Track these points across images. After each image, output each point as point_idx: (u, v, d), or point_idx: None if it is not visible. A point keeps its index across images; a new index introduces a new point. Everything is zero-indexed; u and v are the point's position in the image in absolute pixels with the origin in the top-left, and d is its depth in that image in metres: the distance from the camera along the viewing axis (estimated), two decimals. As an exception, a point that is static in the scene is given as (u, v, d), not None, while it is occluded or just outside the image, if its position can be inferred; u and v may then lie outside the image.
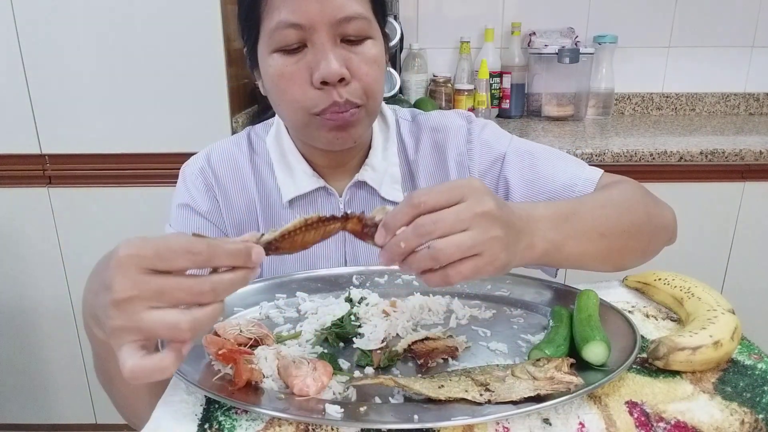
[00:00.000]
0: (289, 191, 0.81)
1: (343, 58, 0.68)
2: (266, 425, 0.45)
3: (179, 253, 0.41)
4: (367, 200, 0.83)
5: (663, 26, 2.09)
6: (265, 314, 0.65)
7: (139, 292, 0.40)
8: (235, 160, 0.84)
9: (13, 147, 1.58)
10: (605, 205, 0.68)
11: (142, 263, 0.41)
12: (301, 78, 0.69)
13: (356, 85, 0.70)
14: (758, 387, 0.49)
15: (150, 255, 0.41)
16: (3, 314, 1.73)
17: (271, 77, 0.71)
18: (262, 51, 0.71)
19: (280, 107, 0.74)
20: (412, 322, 0.62)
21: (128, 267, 0.41)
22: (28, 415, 1.83)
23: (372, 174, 0.81)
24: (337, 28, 0.67)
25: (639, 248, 0.70)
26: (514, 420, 0.45)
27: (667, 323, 0.62)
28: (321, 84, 0.68)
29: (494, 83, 2.05)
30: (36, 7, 1.47)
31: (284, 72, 0.69)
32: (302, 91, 0.69)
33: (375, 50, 0.71)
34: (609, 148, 1.56)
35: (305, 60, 0.68)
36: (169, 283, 0.41)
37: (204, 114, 1.56)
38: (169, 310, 0.41)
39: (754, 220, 1.65)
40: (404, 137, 0.87)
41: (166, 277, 0.41)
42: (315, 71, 0.67)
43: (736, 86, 2.15)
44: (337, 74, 0.67)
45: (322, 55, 0.67)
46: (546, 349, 0.53)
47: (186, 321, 0.41)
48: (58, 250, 1.66)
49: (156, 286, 0.41)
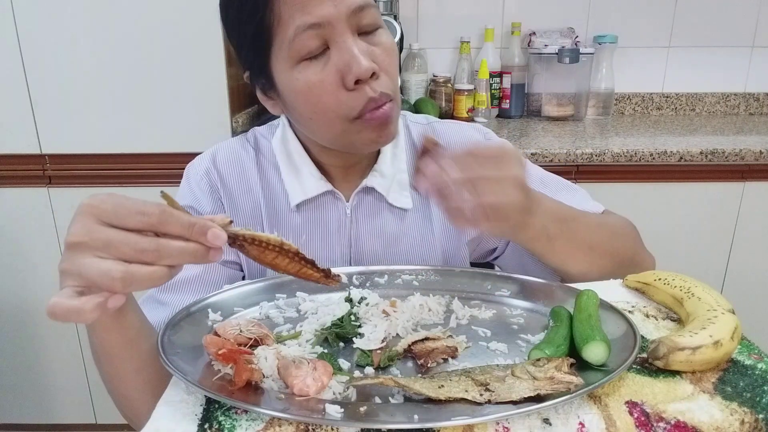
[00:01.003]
0: (296, 195, 0.80)
1: (367, 51, 0.66)
2: (266, 425, 0.45)
3: (133, 212, 0.44)
4: (374, 206, 0.82)
5: (663, 26, 2.09)
6: (265, 314, 0.65)
7: (89, 240, 0.43)
8: (241, 161, 0.83)
9: (13, 147, 1.58)
10: (601, 225, 0.77)
11: (100, 215, 0.44)
12: (331, 83, 0.66)
13: (384, 77, 0.68)
14: (758, 387, 0.49)
15: (107, 209, 0.44)
16: (3, 314, 1.73)
17: (298, 92, 0.68)
18: (281, 67, 0.68)
19: (312, 121, 0.70)
20: (412, 322, 0.62)
21: (86, 216, 0.44)
22: (28, 415, 1.83)
23: (380, 180, 0.81)
24: (353, 19, 0.66)
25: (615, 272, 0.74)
26: (514, 420, 0.45)
27: (667, 323, 0.62)
28: (354, 84, 0.65)
29: (494, 83, 2.05)
30: (36, 7, 1.48)
31: (313, 81, 0.66)
32: (335, 97, 0.66)
33: (389, 39, 0.70)
34: (609, 148, 1.56)
35: (331, 63, 0.66)
36: (117, 235, 0.43)
37: (204, 114, 1.56)
38: (110, 260, 0.43)
39: (754, 220, 1.65)
40: (416, 142, 0.86)
41: (116, 231, 0.44)
42: (346, 72, 0.65)
43: (736, 86, 2.15)
44: (370, 69, 0.65)
45: (349, 53, 0.65)
46: (546, 349, 0.53)
47: (119, 270, 0.43)
48: (58, 250, 1.66)
49: (105, 237, 0.43)
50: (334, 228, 0.82)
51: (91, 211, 0.44)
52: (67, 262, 0.45)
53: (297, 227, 0.81)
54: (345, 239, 0.82)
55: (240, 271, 0.83)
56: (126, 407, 0.62)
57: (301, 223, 0.81)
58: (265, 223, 0.81)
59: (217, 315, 0.62)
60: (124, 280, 0.43)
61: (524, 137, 1.75)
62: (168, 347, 0.53)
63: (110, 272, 0.43)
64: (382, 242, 0.83)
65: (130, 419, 0.64)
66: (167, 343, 0.54)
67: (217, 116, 1.56)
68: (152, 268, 0.44)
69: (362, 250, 0.82)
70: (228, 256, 0.81)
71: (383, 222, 0.82)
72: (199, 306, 0.63)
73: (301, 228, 0.81)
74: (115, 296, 0.44)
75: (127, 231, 0.44)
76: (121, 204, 0.44)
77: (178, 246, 0.44)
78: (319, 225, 0.81)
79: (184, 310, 0.62)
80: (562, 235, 0.70)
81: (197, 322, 0.61)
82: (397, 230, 0.83)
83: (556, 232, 0.69)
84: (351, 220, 0.81)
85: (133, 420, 0.62)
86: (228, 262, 0.81)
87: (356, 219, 0.82)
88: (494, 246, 0.87)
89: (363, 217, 0.82)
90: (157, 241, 0.44)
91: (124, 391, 0.60)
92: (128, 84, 1.54)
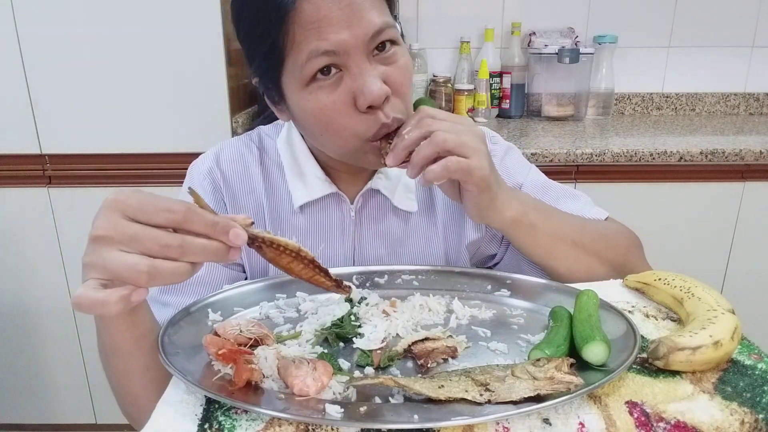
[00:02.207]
0: (300, 196, 0.79)
1: (381, 74, 0.65)
2: (266, 425, 0.45)
3: (159, 208, 0.44)
4: (379, 208, 0.82)
5: (663, 26, 2.09)
6: (265, 314, 0.65)
7: (114, 233, 0.44)
8: (245, 161, 0.82)
9: (13, 147, 1.58)
10: (586, 225, 0.79)
11: (125, 210, 0.45)
12: (343, 105, 0.65)
13: (397, 101, 0.67)
14: (758, 387, 0.49)
15: (133, 204, 0.45)
16: (3, 314, 1.73)
17: (310, 113, 0.67)
18: (292, 86, 0.67)
19: (324, 138, 0.69)
20: (412, 322, 0.62)
21: (112, 210, 0.45)
22: (28, 415, 1.83)
23: (385, 182, 0.80)
24: (370, 43, 0.64)
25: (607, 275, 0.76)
26: (514, 420, 0.45)
27: (667, 323, 0.62)
28: (367, 109, 0.64)
29: (494, 83, 2.05)
30: (36, 7, 1.48)
31: (325, 104, 0.65)
32: (348, 119, 0.65)
33: (404, 58, 0.68)
34: (609, 148, 1.56)
35: (344, 85, 0.64)
36: (142, 231, 0.44)
37: (204, 114, 1.56)
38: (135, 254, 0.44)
39: (754, 220, 1.65)
40: None
41: (141, 226, 0.44)
42: (359, 96, 0.64)
43: (736, 86, 2.15)
44: (382, 96, 0.64)
45: (362, 79, 0.63)
46: (546, 349, 0.53)
47: (145, 264, 0.44)
48: (58, 250, 1.66)
49: (130, 231, 0.44)
50: (338, 230, 0.81)
51: (117, 206, 0.45)
52: (91, 255, 0.45)
53: (300, 229, 0.81)
54: (349, 241, 0.82)
55: (242, 273, 0.82)
56: (130, 405, 0.62)
57: (305, 224, 0.81)
58: (268, 224, 0.81)
59: (217, 315, 0.62)
60: (149, 273, 0.44)
61: (524, 137, 1.75)
62: (168, 347, 0.53)
63: (136, 266, 0.43)
64: (386, 245, 0.83)
65: (132, 418, 0.64)
66: (167, 343, 0.54)
67: (217, 116, 1.56)
68: (176, 264, 0.45)
69: (366, 252, 0.82)
70: None
71: (387, 224, 0.82)
72: (199, 306, 0.63)
73: (305, 230, 0.81)
74: (139, 290, 0.45)
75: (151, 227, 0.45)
76: (147, 200, 0.45)
77: (201, 243, 0.45)
78: (323, 227, 0.81)
79: (184, 310, 0.62)
80: (544, 226, 0.72)
81: (197, 322, 0.61)
82: (401, 233, 0.83)
83: (537, 221, 0.72)
84: (355, 223, 0.81)
85: (136, 418, 0.62)
86: (230, 264, 0.81)
87: (360, 221, 0.81)
88: (493, 252, 0.87)
89: (367, 219, 0.82)
90: (181, 238, 0.45)
91: (129, 389, 0.60)
92: (128, 84, 1.53)
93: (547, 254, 0.74)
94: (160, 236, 0.44)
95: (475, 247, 0.86)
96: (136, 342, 0.55)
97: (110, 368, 0.60)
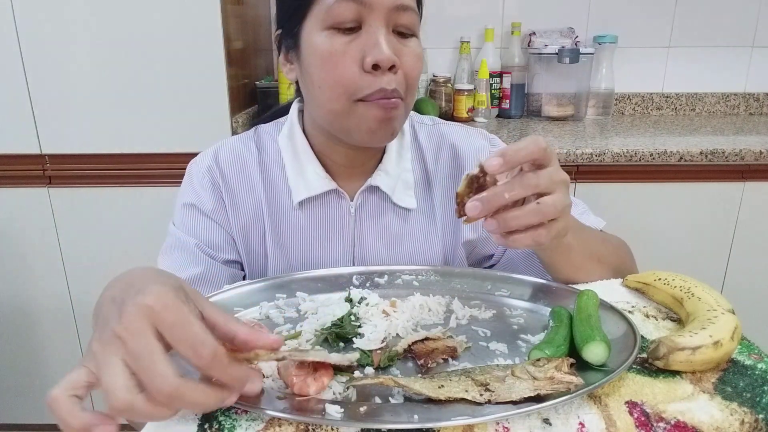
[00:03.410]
0: (300, 192, 0.79)
1: (394, 47, 0.68)
2: (266, 425, 0.45)
3: (188, 342, 0.40)
4: (378, 205, 0.82)
5: (663, 26, 2.09)
6: (265, 314, 0.65)
7: (131, 344, 0.40)
8: (244, 159, 0.82)
9: (13, 147, 1.58)
10: (605, 239, 0.80)
11: (156, 323, 0.40)
12: (351, 59, 0.67)
13: (402, 77, 0.69)
14: (758, 387, 0.49)
15: (167, 321, 0.40)
16: (3, 314, 1.73)
17: (318, 54, 0.69)
18: (310, 29, 0.69)
19: (321, 90, 0.70)
20: (412, 322, 0.62)
21: (143, 317, 0.40)
22: (28, 415, 1.83)
23: (385, 179, 0.81)
24: (392, 14, 0.68)
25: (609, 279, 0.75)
26: (514, 420, 0.45)
27: (667, 323, 0.62)
28: (372, 68, 0.66)
29: (494, 83, 2.05)
30: (36, 7, 1.48)
31: (335, 50, 0.67)
32: (349, 72, 0.67)
33: (418, 49, 0.72)
34: (609, 148, 1.56)
35: (358, 42, 0.67)
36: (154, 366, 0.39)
37: (204, 114, 1.56)
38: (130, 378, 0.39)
39: (754, 220, 1.65)
40: (422, 142, 0.87)
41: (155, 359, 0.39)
42: (368, 53, 0.66)
43: (736, 86, 2.15)
44: (390, 60, 0.66)
45: (375, 38, 0.66)
46: (546, 349, 0.53)
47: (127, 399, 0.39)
48: (58, 250, 1.66)
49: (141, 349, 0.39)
50: (338, 227, 0.82)
51: (151, 316, 0.40)
52: (99, 347, 0.41)
53: (300, 226, 0.81)
54: (348, 238, 0.82)
55: (241, 270, 0.83)
56: None
57: (304, 221, 0.81)
58: (267, 222, 0.81)
59: (217, 315, 0.62)
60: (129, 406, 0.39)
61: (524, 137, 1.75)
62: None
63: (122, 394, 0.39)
64: (386, 241, 0.83)
65: None
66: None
67: (217, 116, 1.56)
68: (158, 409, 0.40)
69: (365, 249, 0.82)
70: (230, 255, 0.81)
71: (387, 221, 0.82)
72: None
73: (304, 226, 0.81)
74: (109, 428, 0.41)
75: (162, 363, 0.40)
76: (181, 324, 0.40)
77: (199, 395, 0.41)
78: (323, 223, 0.81)
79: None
80: (578, 246, 0.69)
81: (197, 322, 0.61)
82: (401, 230, 0.83)
83: (573, 243, 0.67)
84: (355, 219, 0.81)
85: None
86: (229, 262, 0.81)
87: (360, 218, 0.82)
88: (491, 253, 0.87)
89: (367, 216, 0.82)
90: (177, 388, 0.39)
91: None
92: (128, 84, 1.54)
93: (575, 272, 0.72)
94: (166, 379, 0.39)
95: (471, 246, 0.86)
96: None
97: None
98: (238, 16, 1.69)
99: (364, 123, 0.70)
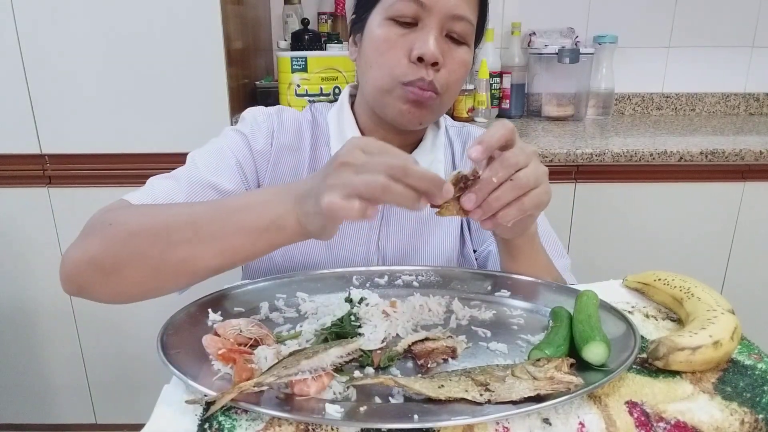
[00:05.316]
0: None
1: (442, 48, 0.75)
2: (266, 425, 0.45)
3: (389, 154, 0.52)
4: None
5: (663, 26, 2.09)
6: (265, 314, 0.65)
7: (353, 160, 0.52)
8: (300, 124, 0.88)
9: (13, 147, 1.58)
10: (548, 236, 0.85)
11: (363, 147, 0.53)
12: (401, 49, 0.75)
13: (443, 76, 0.76)
14: (758, 387, 0.50)
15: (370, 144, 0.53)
16: (3, 314, 1.73)
17: (375, 39, 0.77)
18: (375, 17, 0.78)
19: (372, 68, 0.79)
20: (412, 322, 0.62)
21: (354, 146, 0.53)
22: (28, 415, 1.83)
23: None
24: (447, 20, 0.75)
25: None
26: (514, 420, 0.45)
27: (667, 323, 0.62)
28: (417, 60, 0.74)
29: (494, 83, 2.05)
30: (36, 7, 1.47)
31: (390, 38, 0.76)
32: (397, 60, 0.75)
33: (467, 57, 0.79)
34: (609, 148, 1.56)
35: (411, 36, 0.75)
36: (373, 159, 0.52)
37: (204, 114, 1.56)
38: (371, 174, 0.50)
39: (754, 220, 1.65)
40: (453, 140, 0.94)
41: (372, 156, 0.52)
42: (415, 46, 0.74)
43: (736, 86, 2.15)
44: (434, 56, 0.74)
45: (425, 36, 0.74)
46: (546, 349, 0.53)
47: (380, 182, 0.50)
48: (58, 250, 1.66)
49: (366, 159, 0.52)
50: None
51: (359, 144, 0.53)
52: (335, 178, 0.52)
53: None
54: (375, 221, 0.86)
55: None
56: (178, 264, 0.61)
57: None
58: None
59: (217, 315, 0.62)
60: (384, 189, 0.49)
61: (524, 137, 1.75)
62: (168, 347, 0.53)
63: (374, 182, 0.50)
64: (411, 226, 0.87)
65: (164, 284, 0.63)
66: (167, 342, 0.54)
67: (217, 116, 1.56)
68: (405, 188, 0.50)
69: (390, 233, 0.86)
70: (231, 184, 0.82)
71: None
72: (199, 306, 0.63)
73: None
74: (374, 207, 0.51)
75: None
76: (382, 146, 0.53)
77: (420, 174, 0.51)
78: None
79: (183, 309, 0.62)
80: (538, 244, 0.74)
81: (197, 322, 0.61)
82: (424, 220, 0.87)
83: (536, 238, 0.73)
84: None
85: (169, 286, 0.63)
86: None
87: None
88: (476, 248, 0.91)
89: None
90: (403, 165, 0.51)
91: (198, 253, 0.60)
92: (128, 84, 1.53)
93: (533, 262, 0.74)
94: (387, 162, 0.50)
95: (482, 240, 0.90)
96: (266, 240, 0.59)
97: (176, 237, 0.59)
98: (238, 16, 1.69)
99: (398, 104, 0.77)
